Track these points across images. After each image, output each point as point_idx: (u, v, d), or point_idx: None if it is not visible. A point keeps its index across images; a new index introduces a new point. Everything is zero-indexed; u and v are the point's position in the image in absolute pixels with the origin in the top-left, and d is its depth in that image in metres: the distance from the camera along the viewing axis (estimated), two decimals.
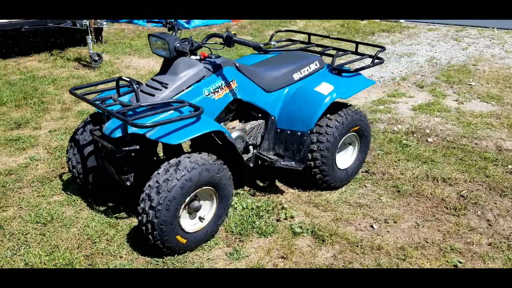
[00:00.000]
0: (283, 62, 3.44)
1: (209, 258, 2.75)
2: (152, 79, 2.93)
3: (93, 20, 6.32)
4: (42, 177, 3.57)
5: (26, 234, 2.89)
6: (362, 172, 3.82)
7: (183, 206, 2.61)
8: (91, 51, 6.48)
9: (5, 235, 2.88)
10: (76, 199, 3.27)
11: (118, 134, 2.73)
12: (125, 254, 2.73)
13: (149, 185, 2.56)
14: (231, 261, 2.74)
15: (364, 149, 3.63)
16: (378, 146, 4.24)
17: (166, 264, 2.67)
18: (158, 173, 2.58)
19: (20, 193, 3.36)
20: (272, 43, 3.85)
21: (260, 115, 3.37)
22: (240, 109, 3.38)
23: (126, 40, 8.06)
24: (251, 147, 3.34)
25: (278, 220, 3.14)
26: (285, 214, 3.17)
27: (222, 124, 3.22)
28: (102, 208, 3.17)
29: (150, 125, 2.48)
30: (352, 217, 3.18)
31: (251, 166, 3.34)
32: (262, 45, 2.82)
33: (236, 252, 2.79)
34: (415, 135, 4.49)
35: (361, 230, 3.05)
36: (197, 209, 2.76)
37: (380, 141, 4.35)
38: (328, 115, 3.31)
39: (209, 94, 2.92)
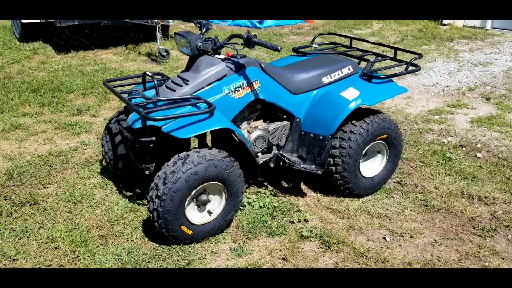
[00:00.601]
0: (314, 65, 3.44)
1: (213, 251, 2.84)
2: (177, 76, 3.07)
3: (160, 20, 6.66)
4: (85, 160, 3.88)
5: (56, 211, 3.17)
6: (394, 182, 3.71)
7: (188, 198, 2.72)
8: (160, 47, 6.84)
9: (39, 209, 3.18)
10: (108, 183, 3.51)
11: (138, 125, 2.90)
12: (136, 239, 2.90)
13: (158, 175, 2.70)
14: (233, 257, 2.81)
15: (393, 159, 3.52)
16: (419, 158, 4.08)
17: (171, 252, 2.80)
18: (168, 165, 2.71)
19: (63, 173, 3.68)
20: (314, 45, 3.89)
21: (285, 116, 3.40)
22: (266, 109, 3.44)
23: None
24: (274, 148, 3.38)
25: (291, 222, 3.15)
26: (299, 217, 3.18)
27: (245, 122, 3.29)
28: (128, 194, 3.38)
29: (160, 118, 2.62)
30: (366, 227, 3.11)
31: (272, 166, 3.37)
32: (280, 47, 2.85)
33: (240, 249, 2.86)
34: (464, 149, 4.26)
35: (372, 241, 2.98)
36: (205, 202, 2.86)
37: (423, 152, 4.18)
38: (353, 121, 3.26)
39: (229, 93, 3.01)
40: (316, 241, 2.96)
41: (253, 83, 3.11)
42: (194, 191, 2.73)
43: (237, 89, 3.04)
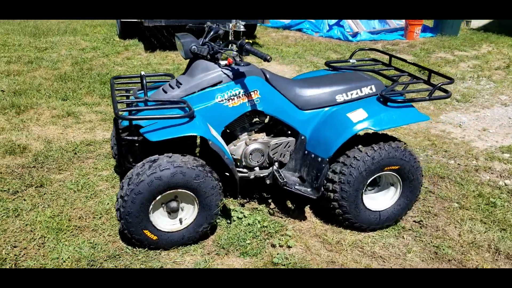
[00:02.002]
0: (332, 81, 3.17)
1: (175, 262, 2.74)
2: (176, 78, 3.03)
3: (234, 23, 6.69)
4: (107, 153, 4.00)
5: (54, 196, 3.30)
6: (414, 221, 3.27)
7: (154, 202, 2.65)
8: (235, 52, 6.87)
9: (40, 192, 3.34)
10: (115, 177, 3.58)
11: (125, 123, 2.92)
12: (108, 235, 2.90)
13: (127, 175, 2.67)
14: (191, 271, 2.67)
15: (408, 194, 3.10)
16: (458, 198, 3.57)
17: (134, 254, 2.75)
18: (137, 166, 2.67)
19: (82, 162, 3.84)
20: (351, 61, 3.62)
21: (290, 132, 3.18)
22: (274, 123, 3.26)
23: (281, 47, 8.32)
24: (275, 164, 3.18)
25: (272, 246, 2.93)
26: (283, 241, 2.94)
27: (245, 134, 3.14)
28: None
29: (129, 118, 2.59)
30: (350, 265, 2.78)
31: (268, 183, 3.17)
32: (269, 57, 2.66)
33: (203, 264, 2.72)
34: None
35: None
36: (174, 210, 2.76)
37: (466, 192, 3.65)
38: (360, 146, 2.94)
39: (222, 100, 2.89)
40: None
41: (252, 93, 2.95)
42: (159, 196, 2.65)
43: (232, 97, 2.91)
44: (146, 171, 2.59)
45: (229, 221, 3.10)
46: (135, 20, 7.94)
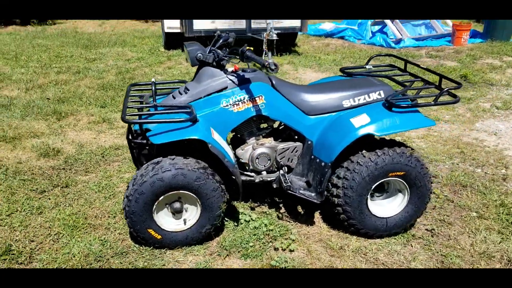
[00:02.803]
0: (340, 87, 3.18)
1: (177, 261, 2.84)
2: (185, 85, 3.15)
3: (268, 32, 6.81)
4: None
5: (76, 196, 3.51)
6: (426, 229, 3.21)
7: (156, 203, 2.78)
8: (269, 60, 6.98)
9: (64, 192, 3.57)
10: None
11: (136, 127, 3.08)
12: (119, 233, 3.06)
13: (133, 176, 2.82)
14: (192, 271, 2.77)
15: (416, 202, 3.04)
16: (477, 207, 3.45)
17: (140, 252, 2.88)
18: (142, 168, 2.81)
19: (108, 165, 4.06)
20: (368, 66, 3.62)
21: (297, 137, 3.22)
22: (284, 128, 3.32)
23: (319, 54, 8.33)
24: (283, 169, 3.22)
25: (275, 249, 2.97)
26: (286, 245, 2.97)
27: (253, 138, 3.21)
28: None
29: (132, 121, 2.73)
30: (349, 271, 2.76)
31: (275, 187, 3.22)
32: (267, 63, 2.73)
33: (204, 264, 2.80)
34: None
35: None
36: (178, 210, 2.88)
37: (487, 201, 3.52)
38: (364, 151, 2.94)
39: (227, 106, 2.98)
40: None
41: (257, 98, 3.02)
42: (162, 197, 2.77)
43: (237, 102, 2.99)
44: (149, 173, 2.72)
45: (236, 224, 3.17)
46: (179, 31, 8.22)
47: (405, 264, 2.84)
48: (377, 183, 2.95)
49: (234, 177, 2.91)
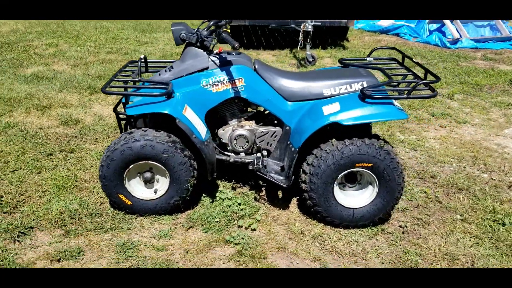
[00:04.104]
0: (323, 76, 3.19)
1: (143, 227, 3.02)
2: (173, 64, 3.31)
3: (304, 24, 6.79)
4: None
5: (77, 160, 3.80)
6: (399, 226, 3.15)
7: (126, 170, 2.97)
8: (308, 52, 7.01)
9: (67, 157, 3.87)
10: None
11: (123, 100, 3.28)
12: (100, 197, 3.29)
13: (110, 144, 3.03)
14: (153, 237, 2.93)
15: (385, 196, 2.99)
16: (465, 211, 3.32)
17: (113, 216, 3.09)
18: (119, 137, 3.01)
19: (115, 137, 4.31)
20: (368, 59, 3.60)
21: (276, 122, 3.28)
22: (268, 114, 3.38)
23: (366, 50, 8.17)
24: (264, 152, 3.29)
25: (239, 227, 3.06)
26: (249, 224, 3.06)
27: (235, 120, 3.31)
28: None
29: (106, 92, 2.92)
30: (301, 254, 2.80)
31: (250, 168, 3.29)
32: (237, 45, 2.81)
33: (166, 235, 2.94)
34: None
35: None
36: (148, 180, 3.05)
37: (479, 206, 3.38)
38: (333, 140, 2.94)
39: (206, 85, 3.10)
40: (231, 249, 2.82)
41: (236, 80, 3.11)
42: (132, 166, 2.96)
43: (216, 83, 3.10)
44: (121, 141, 2.91)
45: (211, 200, 3.29)
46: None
47: (360, 255, 2.82)
48: (345, 173, 2.93)
49: (203, 154, 3.02)
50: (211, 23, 3.21)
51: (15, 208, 3.11)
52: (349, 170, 2.92)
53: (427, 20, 9.39)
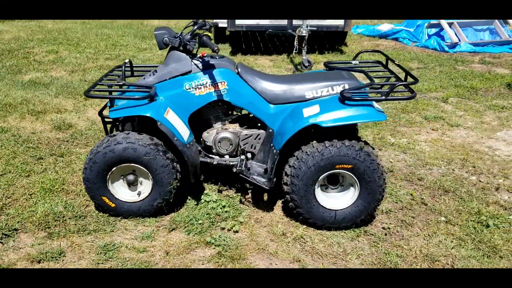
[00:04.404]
0: (305, 79, 3.21)
1: (127, 229, 3.04)
2: (157, 67, 3.35)
3: (299, 29, 6.83)
4: None
5: (66, 164, 3.84)
6: (383, 228, 3.15)
7: (109, 173, 3.00)
8: (304, 57, 7.04)
9: (57, 161, 3.91)
10: None
11: (109, 104, 3.32)
12: (86, 200, 3.32)
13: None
14: (135, 238, 2.96)
15: (366, 197, 2.99)
16: (450, 212, 3.32)
17: (97, 218, 3.12)
18: (102, 140, 3.04)
19: None
20: (353, 62, 3.62)
21: (260, 125, 3.30)
22: (252, 116, 3.41)
23: (364, 55, 8.18)
24: (248, 155, 3.32)
25: (222, 228, 3.08)
26: (231, 226, 3.07)
27: (219, 122, 3.34)
28: None
29: (88, 95, 2.97)
30: (281, 255, 2.81)
31: (234, 171, 3.31)
32: (216, 48, 2.84)
33: (148, 237, 2.97)
34: None
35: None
36: (131, 182, 3.08)
37: (465, 208, 3.37)
38: (314, 142, 2.96)
39: (189, 89, 3.13)
40: (212, 250, 2.84)
41: (219, 83, 3.14)
42: (115, 168, 2.99)
43: (199, 86, 3.13)
44: (104, 144, 2.95)
45: (196, 203, 3.32)
46: (225, 26, 8.49)
47: (341, 256, 2.82)
48: (326, 174, 2.95)
49: (185, 157, 3.05)
50: (195, 27, 3.24)
51: (0, 210, 3.15)
52: (330, 172, 2.93)
53: (425, 25, 9.39)
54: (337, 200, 3.08)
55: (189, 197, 3.37)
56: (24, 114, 4.97)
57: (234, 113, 3.41)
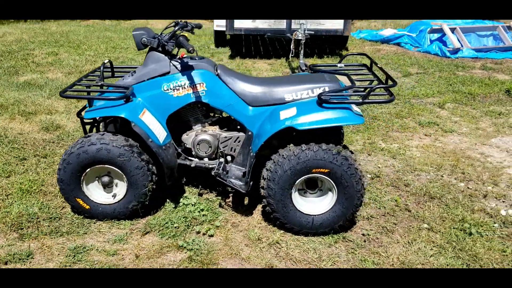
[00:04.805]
0: (286, 81, 3.16)
1: (100, 231, 3.00)
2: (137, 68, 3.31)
3: (295, 33, 6.77)
4: None
5: (48, 165, 3.81)
6: (362, 234, 3.08)
7: (83, 174, 2.97)
8: (301, 61, 6.98)
9: (39, 162, 3.89)
10: None
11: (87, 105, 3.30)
12: (63, 202, 3.28)
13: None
14: (107, 241, 2.91)
15: (343, 202, 2.92)
16: (433, 220, 3.24)
17: (72, 220, 3.09)
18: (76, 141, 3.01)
19: None
20: (338, 65, 3.58)
21: (239, 127, 3.25)
22: (232, 119, 3.36)
23: (363, 59, 8.10)
24: (228, 157, 3.27)
25: (197, 232, 3.03)
26: (207, 230, 3.02)
27: (199, 124, 3.30)
28: None
29: (64, 95, 2.94)
30: (253, 261, 2.75)
31: (213, 173, 3.26)
32: (191, 48, 2.81)
33: (120, 240, 2.92)
34: None
35: None
36: (106, 184, 3.04)
37: (448, 216, 3.29)
38: (291, 145, 2.91)
39: (167, 90, 3.09)
40: (182, 254, 2.79)
41: (198, 85, 3.09)
42: (89, 169, 2.95)
43: (177, 87, 3.09)
44: (77, 145, 2.92)
45: (174, 206, 3.27)
46: (224, 29, 8.46)
47: (315, 262, 2.75)
48: (303, 178, 2.89)
49: (160, 159, 3.01)
50: (176, 27, 3.20)
51: None
52: (307, 176, 2.87)
53: (428, 30, 9.30)
54: (314, 205, 3.02)
55: (167, 200, 3.32)
56: (14, 115, 4.96)
57: (214, 115, 3.36)
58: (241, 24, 7.81)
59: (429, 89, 6.35)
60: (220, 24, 8.55)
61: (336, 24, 7.79)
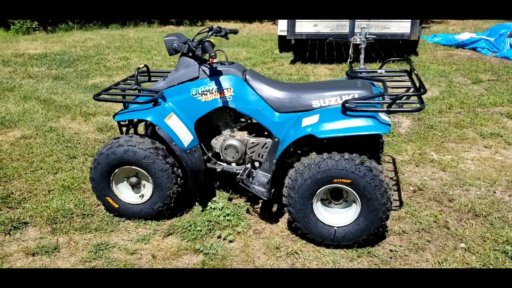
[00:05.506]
0: (315, 87, 3.08)
1: (126, 229, 3.10)
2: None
3: (353, 38, 6.58)
4: None
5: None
6: (390, 250, 2.92)
7: (113, 174, 3.09)
8: (361, 66, 6.80)
9: (87, 160, 4.11)
10: None
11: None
12: (92, 194, 3.44)
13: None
14: (131, 240, 3.00)
15: (367, 215, 2.78)
16: (473, 240, 3.00)
17: (100, 215, 3.23)
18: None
19: None
20: (379, 71, 3.47)
21: (267, 133, 3.22)
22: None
23: (432, 65, 7.73)
24: (256, 163, 3.25)
25: (218, 237, 3.03)
26: (227, 235, 3.02)
27: (228, 129, 3.31)
28: None
29: (97, 98, 3.08)
30: (266, 270, 2.70)
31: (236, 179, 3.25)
32: (213, 54, 2.82)
33: (143, 239, 3.00)
34: None
35: None
36: (134, 184, 3.14)
37: (490, 236, 3.03)
38: (313, 153, 2.83)
39: (196, 94, 3.14)
40: (198, 257, 2.80)
41: (225, 90, 3.11)
42: (117, 170, 3.07)
43: (205, 92, 3.13)
44: (107, 146, 3.04)
45: (202, 209, 3.30)
46: (285, 34, 8.43)
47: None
48: (324, 188, 2.79)
49: (183, 162, 3.05)
50: (209, 33, 3.24)
51: (19, 204, 3.36)
52: (330, 186, 2.77)
53: (508, 33, 8.65)
54: (338, 216, 2.90)
55: (196, 203, 3.35)
56: (75, 116, 5.28)
57: (243, 120, 3.35)
58: (302, 28, 7.74)
59: (498, 98, 5.89)
60: (283, 29, 8.53)
61: (402, 28, 7.47)
